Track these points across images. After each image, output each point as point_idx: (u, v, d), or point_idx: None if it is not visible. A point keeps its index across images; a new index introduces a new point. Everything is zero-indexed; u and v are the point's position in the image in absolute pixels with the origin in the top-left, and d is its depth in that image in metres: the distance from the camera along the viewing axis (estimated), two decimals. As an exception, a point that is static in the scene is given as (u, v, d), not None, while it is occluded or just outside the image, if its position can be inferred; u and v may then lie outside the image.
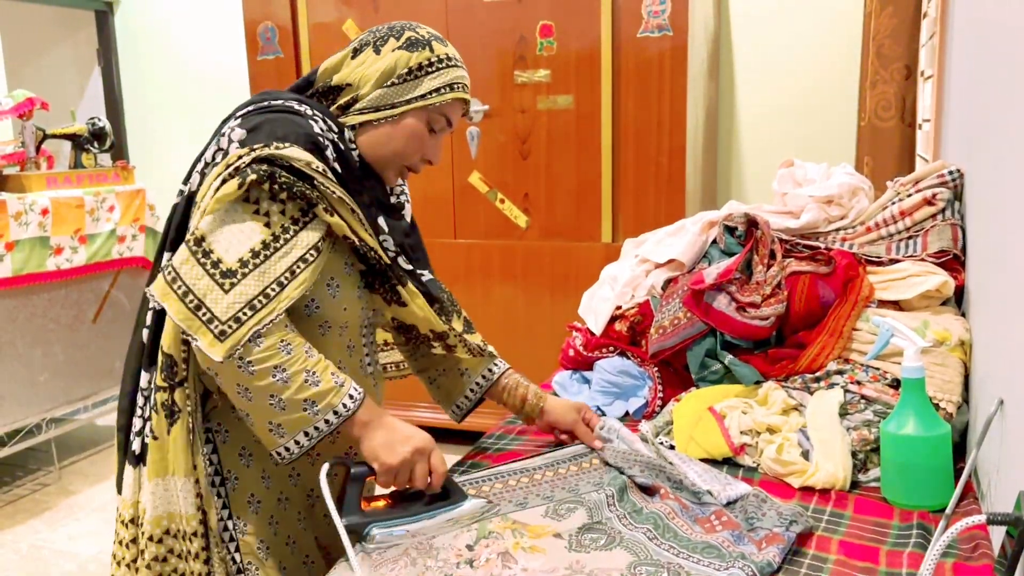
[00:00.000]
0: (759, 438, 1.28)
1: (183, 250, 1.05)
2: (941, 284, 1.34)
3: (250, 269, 1.04)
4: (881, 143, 2.50)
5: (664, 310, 1.52)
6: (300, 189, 1.07)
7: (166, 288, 1.05)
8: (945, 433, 1.12)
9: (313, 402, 1.06)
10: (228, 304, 1.02)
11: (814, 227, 1.58)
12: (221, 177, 1.07)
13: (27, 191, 3.11)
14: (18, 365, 3.08)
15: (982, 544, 0.98)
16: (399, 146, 1.22)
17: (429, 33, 1.25)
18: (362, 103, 1.21)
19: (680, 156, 2.86)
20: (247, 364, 1.03)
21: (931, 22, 2.07)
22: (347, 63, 1.23)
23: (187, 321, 1.03)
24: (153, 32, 4.63)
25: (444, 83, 1.22)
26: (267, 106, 1.17)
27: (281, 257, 1.06)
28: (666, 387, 1.50)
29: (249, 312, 1.03)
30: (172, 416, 1.12)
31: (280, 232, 1.07)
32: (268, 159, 1.07)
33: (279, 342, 1.05)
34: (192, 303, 1.03)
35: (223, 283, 1.03)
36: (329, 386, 1.07)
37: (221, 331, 1.02)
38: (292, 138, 1.10)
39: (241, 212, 1.07)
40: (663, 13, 2.79)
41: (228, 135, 1.13)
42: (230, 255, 1.04)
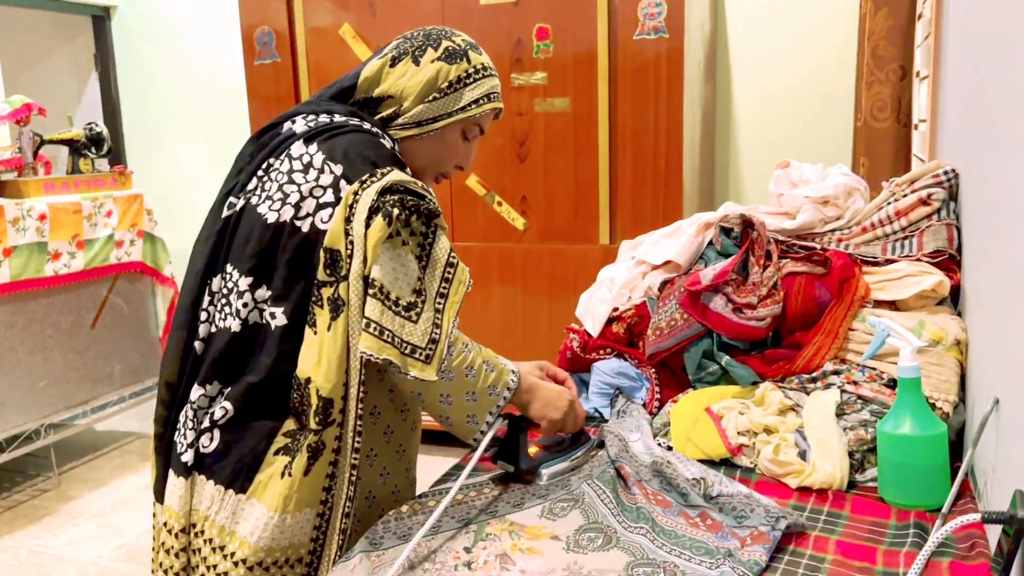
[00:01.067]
0: (756, 439, 1.28)
1: (374, 303, 1.11)
2: (937, 284, 1.35)
3: (423, 296, 1.14)
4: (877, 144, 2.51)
5: (661, 312, 1.52)
6: (426, 207, 1.15)
7: (380, 343, 1.11)
8: (941, 433, 1.12)
9: (494, 386, 1.20)
10: (422, 332, 1.13)
11: (810, 228, 1.58)
12: (361, 223, 1.12)
13: (25, 197, 3.11)
14: (17, 371, 3.08)
15: (979, 543, 0.98)
16: (438, 156, 1.31)
17: (464, 42, 1.29)
18: (404, 118, 1.26)
19: (677, 158, 2.87)
20: (446, 373, 1.15)
21: (926, 23, 2.07)
22: (386, 73, 1.27)
23: (400, 362, 1.11)
24: (150, 37, 4.64)
25: (482, 94, 1.28)
26: (334, 125, 1.22)
27: (433, 271, 1.16)
28: (663, 388, 1.50)
29: (436, 330, 1.14)
30: (316, 456, 1.16)
31: (422, 252, 1.16)
32: (389, 189, 1.14)
33: (462, 345, 1.18)
34: (400, 345, 1.12)
35: (410, 316, 1.13)
36: (500, 367, 1.22)
37: (426, 355, 1.13)
38: (384, 161, 1.18)
39: (392, 249, 1.13)
40: (659, 15, 2.80)
41: (319, 166, 1.17)
42: (404, 292, 1.13)
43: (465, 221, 3.19)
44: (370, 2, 3.17)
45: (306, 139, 1.20)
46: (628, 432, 1.36)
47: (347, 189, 1.15)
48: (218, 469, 1.17)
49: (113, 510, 3.11)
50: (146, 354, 3.63)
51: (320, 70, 3.29)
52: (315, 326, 1.14)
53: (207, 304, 1.21)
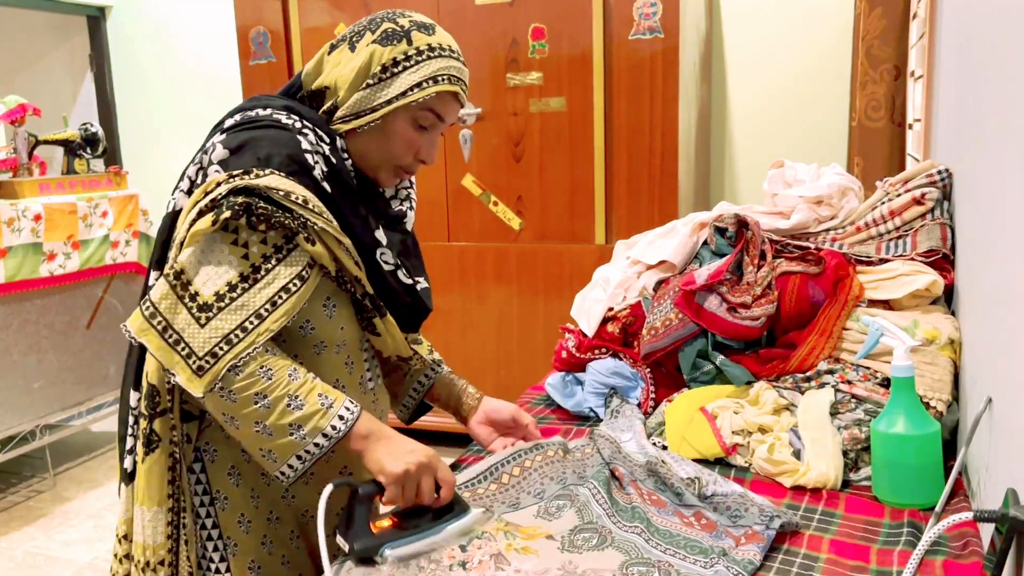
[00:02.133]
0: (751, 438, 1.29)
1: (162, 284, 1.03)
2: (930, 283, 1.35)
3: (227, 303, 1.02)
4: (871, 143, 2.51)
5: (656, 311, 1.52)
6: (279, 219, 1.04)
7: (144, 324, 1.03)
8: (935, 432, 1.12)
9: (299, 426, 1.03)
10: (205, 339, 1.01)
11: (804, 227, 1.59)
12: (198, 208, 1.04)
13: (20, 197, 3.11)
14: (12, 372, 3.07)
15: (972, 542, 0.98)
16: (387, 149, 1.17)
17: (411, 22, 1.16)
18: (342, 110, 1.16)
19: (672, 157, 2.87)
20: (229, 393, 1.02)
21: (920, 23, 2.08)
22: (325, 63, 1.18)
23: (166, 356, 1.02)
24: (146, 37, 4.63)
25: (424, 76, 1.14)
26: (254, 119, 1.12)
27: (261, 289, 1.04)
28: (658, 388, 1.51)
29: (226, 346, 1.01)
30: (150, 446, 1.10)
31: (261, 263, 1.04)
32: (245, 189, 1.03)
33: (259, 368, 1.03)
34: (171, 338, 1.02)
35: (199, 317, 1.02)
36: (314, 408, 1.04)
37: (199, 366, 1.01)
38: (276, 160, 1.06)
39: (219, 243, 1.04)
40: (654, 15, 2.80)
41: (211, 153, 1.10)
42: (207, 288, 1.02)
43: (461, 221, 3.19)
44: (365, 2, 3.17)
45: (224, 130, 1.12)
46: (620, 432, 1.36)
47: (215, 175, 1.06)
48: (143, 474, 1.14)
49: (108, 511, 3.10)
50: (142, 355, 3.62)
51: (315, 70, 3.29)
52: (134, 313, 1.08)
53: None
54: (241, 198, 1.02)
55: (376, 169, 1.20)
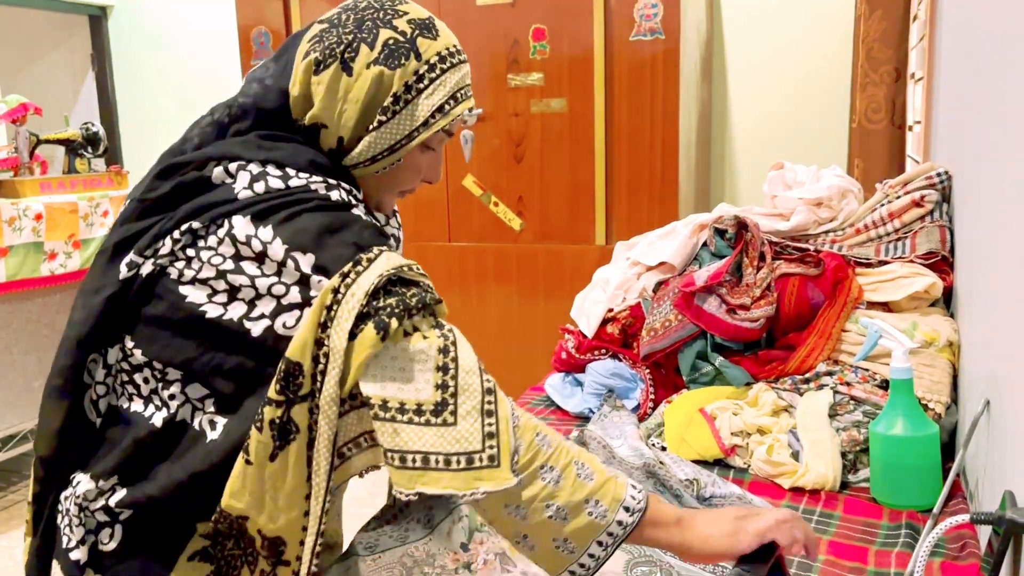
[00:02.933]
0: (749, 439, 1.29)
1: (380, 427, 0.83)
2: (930, 285, 1.35)
3: (453, 385, 0.84)
4: (871, 145, 2.51)
5: (655, 312, 1.53)
6: (429, 298, 0.88)
7: (404, 473, 0.82)
8: (933, 433, 1.12)
9: (596, 501, 0.83)
10: (469, 429, 0.82)
11: (804, 229, 1.59)
12: (346, 331, 0.84)
13: (21, 196, 3.11)
14: (12, 371, 3.07)
15: (969, 543, 0.99)
16: (394, 180, 1.03)
17: (411, 24, 0.97)
18: (354, 157, 0.97)
19: (673, 159, 2.87)
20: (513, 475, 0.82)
21: (920, 25, 2.08)
22: (313, 85, 0.95)
23: (454, 483, 0.81)
24: (147, 37, 4.63)
25: (444, 98, 0.97)
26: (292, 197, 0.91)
27: (463, 348, 0.87)
28: (658, 389, 1.51)
29: (491, 420, 0.83)
30: None
31: (442, 331, 0.87)
32: (384, 288, 0.86)
33: (535, 436, 0.85)
34: (439, 463, 0.81)
35: (444, 419, 0.82)
36: (604, 477, 0.85)
37: (489, 456, 0.81)
38: (368, 237, 0.89)
39: (394, 348, 0.85)
40: (655, 16, 2.81)
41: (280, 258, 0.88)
42: (424, 393, 0.83)
43: (461, 221, 3.19)
44: (367, 3, 3.17)
45: (254, 216, 0.89)
46: (611, 439, 1.33)
47: (321, 284, 0.87)
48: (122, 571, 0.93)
49: (109, 510, 3.11)
50: (142, 354, 3.63)
51: (316, 70, 3.29)
52: (248, 453, 0.87)
53: (102, 376, 0.96)
54: (390, 299, 0.85)
55: (381, 198, 1.05)
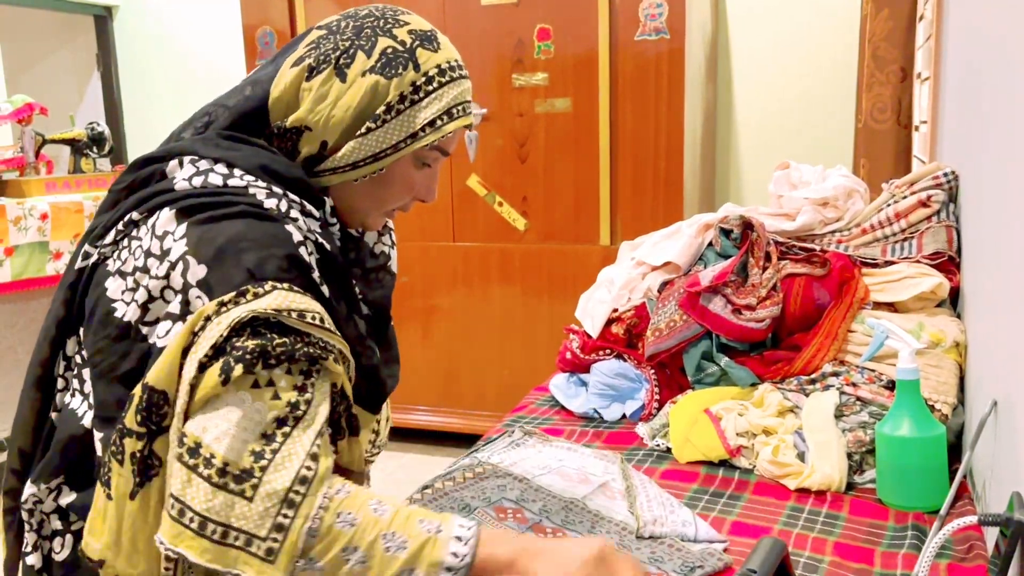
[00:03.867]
0: (755, 440, 1.28)
1: (180, 470, 0.77)
2: (936, 286, 1.35)
3: (269, 458, 0.77)
4: (877, 145, 2.51)
5: (660, 313, 1.52)
6: (303, 352, 0.81)
7: (175, 526, 0.76)
8: (940, 434, 1.12)
9: (411, 570, 0.76)
10: (260, 514, 0.75)
11: (809, 229, 1.58)
12: (197, 360, 0.79)
13: (26, 196, 3.12)
14: (16, 370, 3.08)
15: (976, 545, 0.98)
16: (381, 196, 0.98)
17: (412, 35, 0.94)
18: (335, 160, 0.93)
19: (678, 158, 2.87)
20: (310, 562, 0.76)
21: (927, 24, 2.07)
22: (303, 91, 0.92)
23: (219, 559, 0.75)
24: (152, 37, 4.64)
25: (439, 111, 0.93)
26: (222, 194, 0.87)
27: (306, 428, 0.80)
28: (663, 389, 1.50)
29: (290, 512, 0.76)
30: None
31: (296, 397, 0.81)
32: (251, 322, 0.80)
33: (335, 519, 0.77)
34: (215, 532, 0.75)
35: (243, 490, 0.76)
36: (421, 540, 0.77)
37: (267, 549, 0.75)
38: (271, 268, 0.82)
39: (235, 394, 0.79)
40: (660, 16, 2.80)
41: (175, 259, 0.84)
42: (236, 453, 0.77)
43: (466, 221, 3.19)
44: (370, 2, 3.17)
45: (180, 209, 0.86)
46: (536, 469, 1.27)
47: (200, 301, 0.82)
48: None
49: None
50: (147, 353, 3.63)
51: (321, 70, 3.29)
52: (108, 487, 0.81)
53: (63, 369, 0.95)
54: (250, 340, 0.79)
55: (365, 216, 1.00)
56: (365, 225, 1.02)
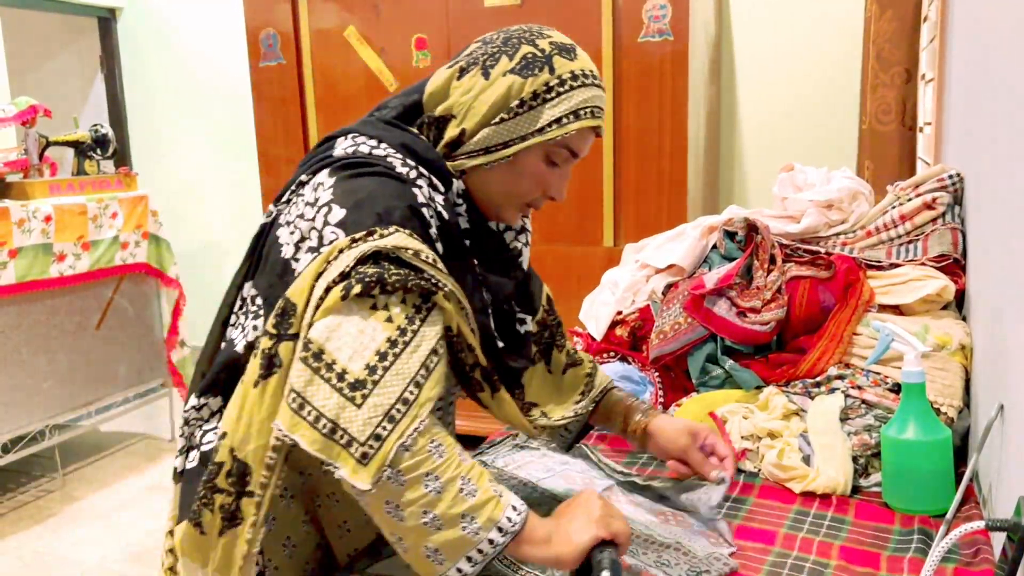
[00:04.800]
0: (760, 443, 1.28)
1: (302, 368, 0.89)
2: (941, 288, 1.34)
3: (380, 374, 0.88)
4: (882, 147, 2.50)
5: (665, 315, 1.52)
6: (415, 282, 0.92)
7: (294, 417, 0.88)
8: (946, 438, 1.11)
9: (471, 517, 0.87)
10: (364, 420, 0.86)
11: (814, 231, 1.58)
12: (326, 283, 0.92)
13: (30, 198, 3.12)
14: (22, 372, 3.08)
15: (983, 549, 0.98)
16: (514, 187, 1.08)
17: (552, 45, 1.06)
18: (471, 144, 1.05)
19: (681, 160, 2.87)
20: (397, 474, 0.86)
21: (931, 26, 2.07)
22: (453, 87, 1.07)
23: (325, 450, 0.87)
24: (156, 39, 4.65)
25: (566, 111, 1.04)
26: (367, 159, 1.03)
27: (411, 353, 0.90)
28: (667, 392, 1.50)
29: (389, 425, 0.87)
30: (231, 523, 0.96)
31: (406, 324, 0.91)
32: (374, 255, 0.92)
33: (430, 443, 0.88)
34: (326, 428, 0.87)
35: (354, 397, 0.87)
36: (487, 496, 0.88)
37: (363, 453, 0.86)
38: (398, 215, 0.96)
39: (357, 312, 0.90)
40: (664, 18, 2.80)
41: (327, 202, 0.99)
42: (355, 363, 0.88)
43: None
44: (375, 4, 3.17)
45: (334, 168, 1.02)
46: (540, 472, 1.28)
47: (336, 240, 0.95)
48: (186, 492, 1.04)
49: (117, 511, 3.11)
50: (150, 355, 3.63)
51: (325, 72, 3.29)
52: (244, 374, 0.96)
53: (237, 308, 1.09)
54: (371, 268, 0.91)
55: (500, 207, 1.10)
56: (501, 217, 1.12)
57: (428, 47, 3.12)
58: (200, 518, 0.98)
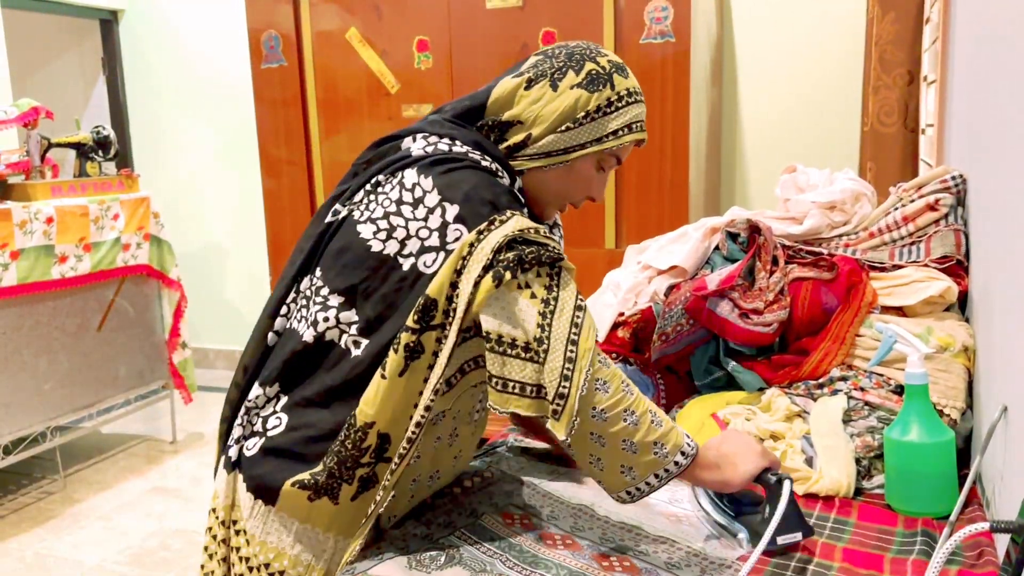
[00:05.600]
0: (763, 445, 1.28)
1: (492, 357, 1.03)
2: (944, 290, 1.34)
3: (545, 343, 1.02)
4: (884, 148, 2.50)
5: (667, 317, 1.52)
6: (546, 255, 1.05)
7: (502, 396, 1.03)
8: (949, 440, 1.11)
9: (661, 444, 1.03)
10: (549, 382, 1.02)
11: (817, 233, 1.58)
12: (473, 277, 1.04)
13: (32, 200, 3.12)
14: (23, 373, 3.08)
15: (987, 551, 0.98)
16: (565, 188, 1.20)
17: (610, 63, 1.17)
18: (534, 148, 1.16)
19: (683, 162, 2.86)
20: (600, 413, 1.01)
21: (933, 27, 2.07)
22: (520, 96, 1.17)
23: (540, 409, 1.03)
24: (158, 41, 4.65)
25: (623, 123, 1.16)
26: (451, 156, 1.13)
27: (559, 318, 1.04)
28: (669, 394, 1.50)
29: (565, 384, 1.01)
30: (366, 487, 1.10)
31: (546, 296, 1.05)
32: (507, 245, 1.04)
33: (622, 384, 1.03)
34: (532, 392, 1.02)
35: (538, 356, 1.02)
36: (670, 426, 1.05)
37: (554, 410, 1.02)
38: (504, 200, 1.08)
39: (509, 295, 1.04)
40: (665, 19, 2.80)
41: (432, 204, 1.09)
42: (523, 334, 1.03)
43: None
44: (376, 6, 3.17)
45: (421, 167, 1.12)
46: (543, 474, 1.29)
47: (461, 236, 1.07)
48: (251, 476, 1.13)
49: (118, 513, 3.11)
50: (152, 357, 3.63)
51: (326, 74, 3.29)
52: (384, 370, 1.07)
53: (290, 300, 1.18)
54: (508, 253, 1.04)
55: (547, 203, 1.22)
56: (542, 215, 1.23)
57: (430, 49, 3.12)
58: (338, 491, 1.09)
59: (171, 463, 3.58)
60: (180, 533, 2.93)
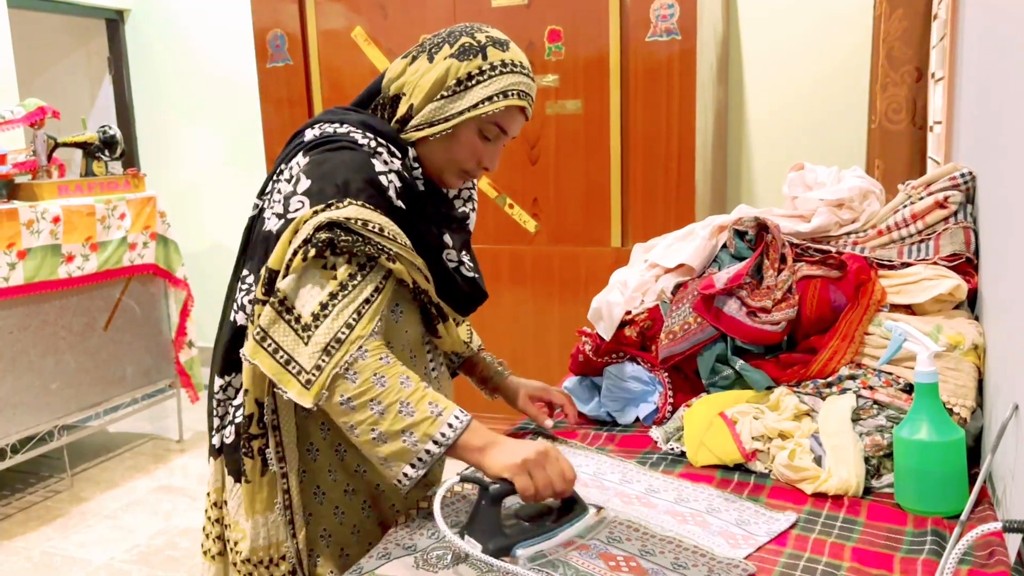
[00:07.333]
0: (771, 444, 1.27)
1: (269, 311, 1.13)
2: (954, 288, 1.33)
3: (321, 320, 1.11)
4: (892, 146, 2.49)
5: (674, 315, 1.51)
6: (359, 249, 1.13)
7: (256, 347, 1.13)
8: (959, 438, 1.10)
9: (410, 432, 1.08)
10: (309, 354, 1.10)
11: (825, 231, 1.57)
12: (294, 248, 1.13)
13: (39, 199, 3.13)
14: (30, 373, 3.09)
15: (998, 551, 0.97)
16: (453, 156, 1.27)
17: (488, 38, 1.25)
18: (416, 119, 1.24)
19: (689, 160, 2.86)
20: (348, 400, 1.09)
21: (941, 24, 2.06)
22: (406, 71, 1.26)
23: (279, 375, 1.11)
24: (163, 40, 4.66)
25: (495, 91, 1.23)
26: (331, 137, 1.22)
27: (348, 304, 1.12)
28: (677, 393, 1.49)
29: (326, 358, 1.09)
30: (267, 463, 1.21)
31: (347, 280, 1.13)
32: (329, 224, 1.12)
33: (372, 376, 1.09)
34: (283, 358, 1.11)
35: (303, 336, 1.11)
36: (424, 415, 1.09)
37: (307, 380, 1.09)
38: (354, 187, 1.15)
39: (312, 270, 1.13)
40: (672, 17, 2.79)
41: (297, 175, 1.19)
42: (306, 310, 1.12)
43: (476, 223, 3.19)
44: (382, 5, 3.17)
45: (306, 150, 1.22)
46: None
47: (301, 209, 1.15)
48: (229, 462, 1.25)
49: (125, 512, 3.12)
50: (158, 356, 3.64)
51: (332, 73, 3.29)
52: (247, 340, 1.16)
53: (237, 293, 1.27)
54: (324, 234, 1.12)
55: (442, 172, 1.29)
56: (444, 182, 1.31)
57: (435, 47, 3.11)
58: (244, 468, 1.20)
59: (178, 462, 3.59)
60: (187, 531, 2.94)
